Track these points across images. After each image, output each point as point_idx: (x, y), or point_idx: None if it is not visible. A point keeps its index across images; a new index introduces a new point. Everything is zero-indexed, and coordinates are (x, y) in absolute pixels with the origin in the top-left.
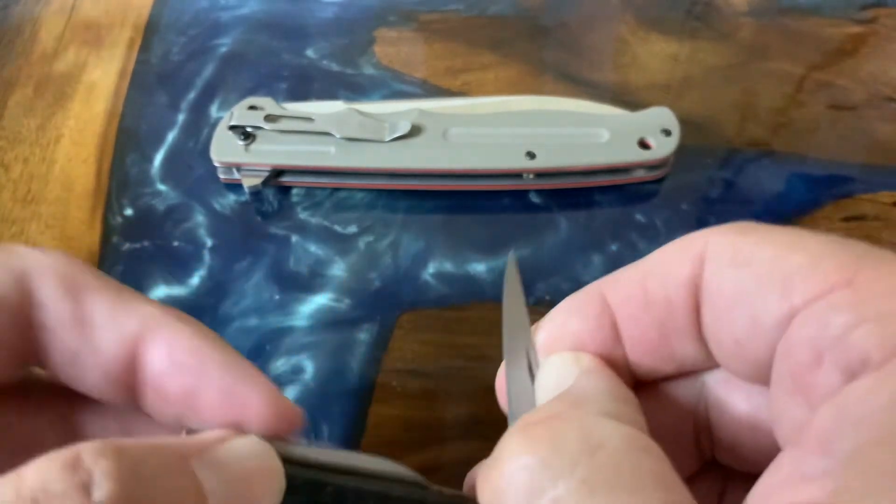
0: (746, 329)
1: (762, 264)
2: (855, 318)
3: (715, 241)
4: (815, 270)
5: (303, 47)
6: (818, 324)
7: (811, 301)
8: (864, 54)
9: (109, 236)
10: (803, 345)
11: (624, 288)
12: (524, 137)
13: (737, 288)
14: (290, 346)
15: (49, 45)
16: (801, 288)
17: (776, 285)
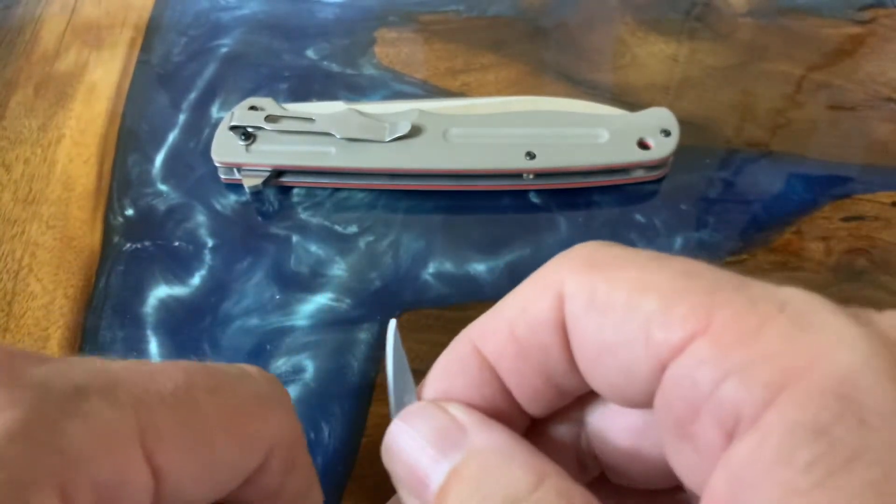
0: (620, 377)
1: (618, 311)
2: (719, 372)
3: (570, 281)
4: (671, 317)
5: (303, 48)
6: (687, 381)
7: (675, 355)
8: (862, 55)
9: (110, 236)
10: (678, 401)
11: (495, 339)
12: (524, 137)
13: (600, 336)
14: (291, 345)
15: (50, 46)
16: (660, 339)
17: (638, 336)
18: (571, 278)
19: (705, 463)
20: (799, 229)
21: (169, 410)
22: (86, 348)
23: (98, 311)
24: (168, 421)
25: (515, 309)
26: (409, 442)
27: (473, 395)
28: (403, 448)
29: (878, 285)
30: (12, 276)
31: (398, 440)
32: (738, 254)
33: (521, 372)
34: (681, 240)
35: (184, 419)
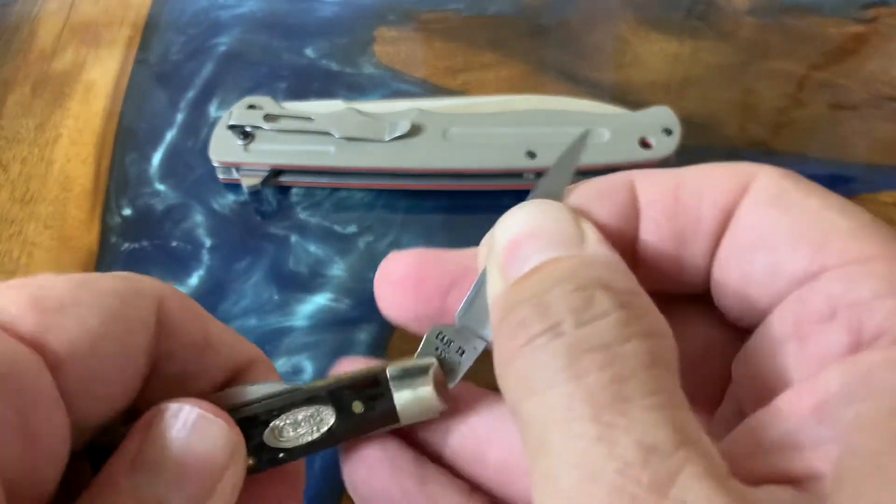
0: (763, 271)
1: (804, 214)
2: (886, 288)
3: (764, 177)
4: (857, 236)
5: (302, 46)
6: (846, 283)
7: (845, 263)
8: (865, 54)
9: (108, 236)
10: (821, 298)
11: (656, 189)
12: (524, 137)
13: (770, 229)
14: (290, 346)
15: (47, 45)
16: (837, 248)
17: (812, 239)
18: (766, 173)
19: (807, 360)
20: None
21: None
22: None
23: None
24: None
25: (690, 176)
26: (528, 222)
27: (607, 222)
28: (519, 225)
29: None
30: (9, 277)
31: (520, 215)
32: None
33: (661, 227)
34: None
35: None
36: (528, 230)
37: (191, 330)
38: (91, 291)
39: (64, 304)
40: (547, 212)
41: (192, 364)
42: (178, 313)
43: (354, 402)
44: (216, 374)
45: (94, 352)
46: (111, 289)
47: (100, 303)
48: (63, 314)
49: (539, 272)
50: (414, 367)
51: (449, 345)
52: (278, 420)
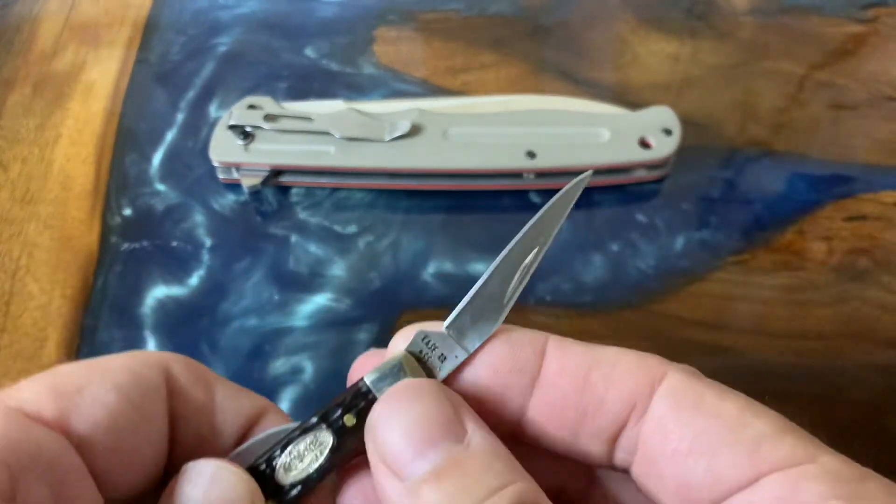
0: (701, 477)
1: (729, 420)
2: (827, 491)
3: (674, 377)
4: (782, 441)
5: (302, 46)
6: (789, 489)
7: (780, 467)
8: (865, 54)
9: (108, 236)
10: (767, 502)
11: (569, 360)
12: (524, 137)
13: (698, 434)
14: (290, 346)
15: (48, 45)
16: (769, 453)
17: (744, 444)
18: (675, 372)
19: None
20: (801, 229)
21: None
22: (84, 349)
23: (96, 312)
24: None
25: (602, 358)
26: (416, 411)
27: (505, 369)
28: (401, 422)
29: (881, 285)
30: (10, 277)
31: (407, 405)
32: (739, 253)
33: (567, 398)
34: (682, 239)
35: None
36: (412, 426)
37: (198, 394)
38: (102, 371)
39: (80, 387)
40: (423, 401)
41: (205, 426)
42: (184, 379)
43: (346, 416)
44: (230, 431)
45: (115, 425)
46: (120, 366)
47: (112, 379)
48: (81, 396)
49: (440, 483)
50: (386, 366)
51: (433, 349)
52: (283, 457)
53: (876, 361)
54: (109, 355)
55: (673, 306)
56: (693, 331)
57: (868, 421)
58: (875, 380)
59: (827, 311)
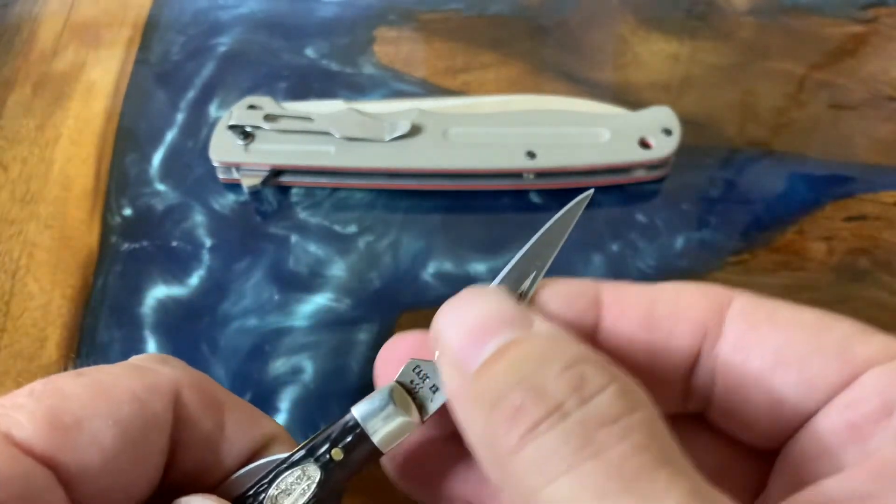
0: (794, 389)
1: (810, 327)
2: None
3: (744, 298)
4: (871, 338)
5: (302, 46)
6: (890, 379)
7: (875, 363)
8: (864, 54)
9: (108, 236)
10: (872, 398)
11: (629, 301)
12: (524, 137)
13: (783, 347)
14: (290, 346)
15: (48, 45)
16: (860, 351)
17: (832, 347)
18: (743, 295)
19: (870, 459)
20: (801, 229)
21: (35, 402)
22: (84, 349)
23: (96, 312)
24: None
25: (664, 292)
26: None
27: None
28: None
29: (881, 285)
30: (10, 277)
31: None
32: (739, 253)
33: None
34: (682, 240)
35: (49, 405)
36: (475, 319)
37: (206, 422)
38: (108, 400)
39: (80, 420)
40: (486, 297)
41: (209, 454)
42: (194, 406)
43: (333, 450)
44: (234, 459)
45: (108, 466)
46: (127, 393)
47: (115, 414)
48: (79, 431)
49: (505, 357)
50: (376, 399)
51: (424, 380)
52: (272, 490)
53: None
54: (120, 370)
55: None
56: None
57: None
58: None
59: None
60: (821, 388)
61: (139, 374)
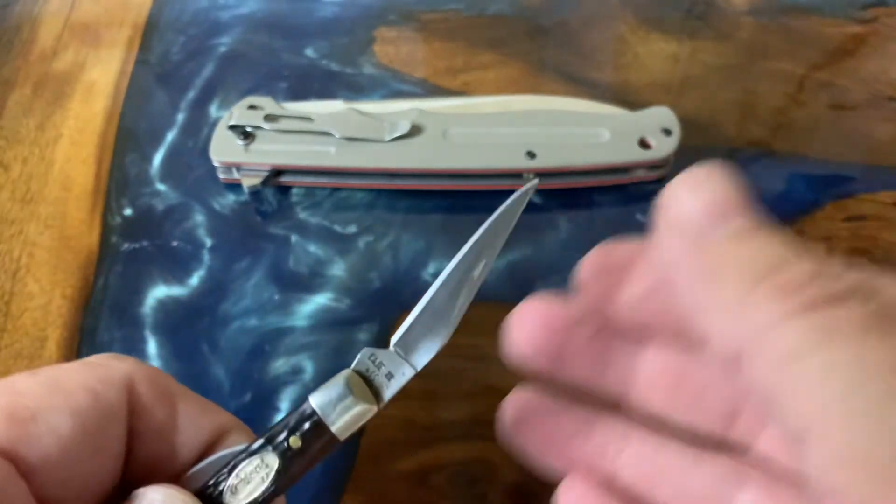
0: None
1: None
2: None
3: None
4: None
5: (302, 46)
6: None
7: None
8: (864, 54)
9: (108, 236)
10: None
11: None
12: (524, 137)
13: None
14: (290, 346)
15: (48, 45)
16: None
17: None
18: None
19: None
20: (801, 229)
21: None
22: (84, 349)
23: (96, 312)
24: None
25: None
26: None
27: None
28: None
29: None
30: (10, 277)
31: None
32: None
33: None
34: None
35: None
36: (712, 198)
37: (159, 413)
38: (63, 393)
39: (36, 413)
40: (724, 181)
41: (164, 445)
42: (146, 397)
43: (291, 438)
44: (189, 450)
45: (67, 456)
46: (81, 385)
47: (71, 405)
48: (36, 424)
49: (743, 240)
50: (333, 387)
51: (379, 367)
52: (231, 479)
53: None
54: (73, 366)
55: None
56: None
57: None
58: None
59: None
60: None
61: (92, 369)
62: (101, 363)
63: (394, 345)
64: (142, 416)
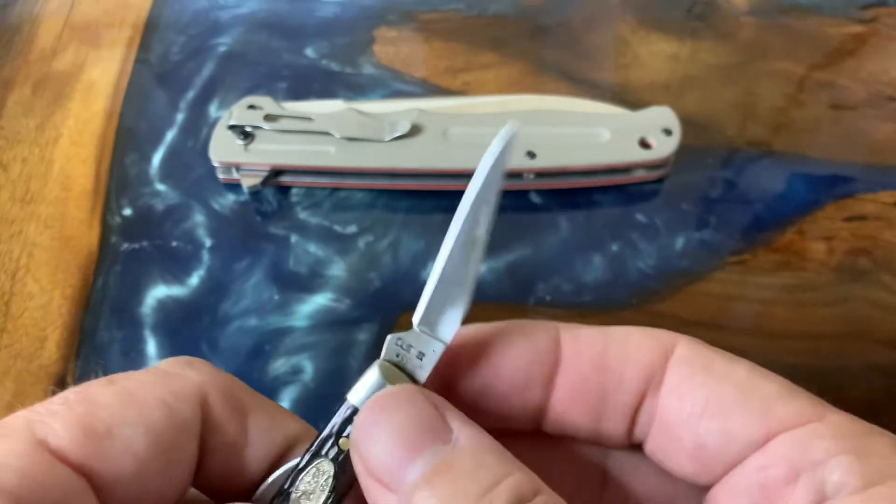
0: (716, 438)
1: (740, 383)
2: (835, 447)
3: (687, 346)
4: (791, 401)
5: (302, 46)
6: (799, 447)
7: (790, 427)
8: (864, 54)
9: (108, 236)
10: (780, 463)
11: (584, 343)
12: (524, 137)
13: (711, 397)
14: (290, 346)
15: (48, 45)
16: (780, 413)
17: (755, 405)
18: (686, 342)
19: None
20: (801, 229)
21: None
22: (83, 349)
23: (96, 312)
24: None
25: (615, 336)
26: (391, 426)
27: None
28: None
29: (881, 285)
30: (10, 276)
31: (382, 422)
32: (739, 253)
33: (587, 381)
34: (682, 240)
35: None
36: (396, 436)
37: (231, 428)
38: (137, 407)
39: (111, 428)
40: (403, 408)
41: (234, 460)
42: (219, 412)
43: (340, 441)
44: (260, 463)
45: (139, 473)
46: (156, 399)
47: (146, 421)
48: (111, 440)
49: (434, 484)
50: (367, 382)
51: (409, 350)
52: (293, 496)
53: (876, 361)
54: (148, 376)
55: (673, 306)
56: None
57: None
58: (875, 380)
59: (827, 311)
60: (739, 441)
61: (167, 381)
62: (177, 373)
63: (417, 325)
64: (214, 431)
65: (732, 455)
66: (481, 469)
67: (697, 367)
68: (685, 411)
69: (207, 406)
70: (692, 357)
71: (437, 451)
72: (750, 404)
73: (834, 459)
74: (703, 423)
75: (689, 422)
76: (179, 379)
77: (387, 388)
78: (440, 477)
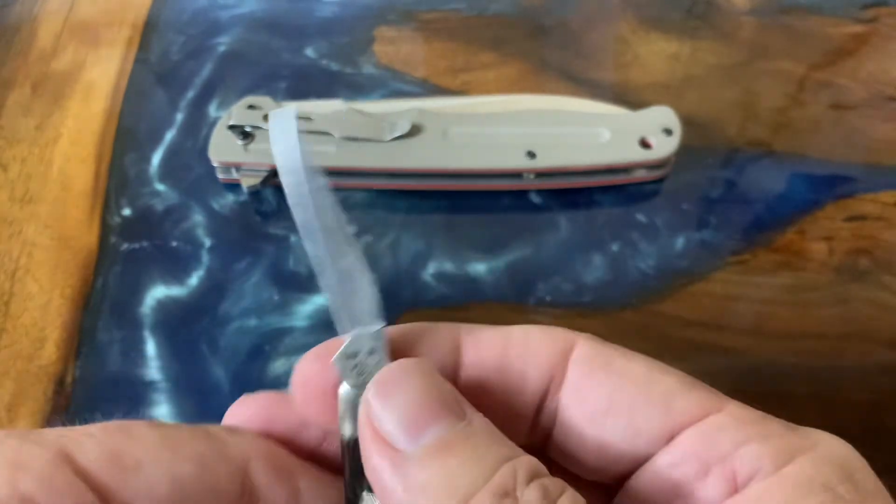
0: (620, 436)
1: (639, 378)
2: (740, 436)
3: (586, 344)
4: (690, 393)
5: (302, 46)
6: (706, 441)
7: (693, 420)
8: (865, 54)
9: (107, 236)
10: (690, 460)
11: (484, 344)
12: (524, 137)
13: (613, 395)
14: (290, 346)
15: (47, 45)
16: (681, 406)
17: (656, 400)
18: (585, 340)
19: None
20: (801, 229)
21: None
22: (83, 349)
23: (95, 312)
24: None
25: (514, 337)
26: (408, 391)
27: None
28: (401, 396)
29: (881, 286)
30: (9, 277)
31: (400, 389)
32: (740, 254)
33: (489, 381)
34: (682, 240)
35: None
36: (413, 403)
37: (280, 490)
38: (172, 454)
39: (140, 464)
40: (424, 377)
41: None
42: (264, 477)
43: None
44: None
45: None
46: (194, 453)
47: (176, 469)
48: (136, 474)
49: (450, 450)
50: (343, 410)
51: (357, 356)
52: None
53: (876, 361)
54: (195, 432)
55: (673, 306)
56: (693, 331)
57: (868, 421)
58: (875, 380)
59: (827, 311)
60: (646, 437)
61: (210, 440)
62: (221, 437)
63: (344, 331)
64: (261, 495)
65: (638, 452)
66: (497, 444)
67: (597, 366)
68: (587, 410)
69: (251, 471)
70: (591, 355)
71: (453, 424)
72: (651, 400)
73: (742, 448)
74: (607, 421)
75: (591, 420)
76: (222, 443)
77: (403, 360)
78: (456, 445)
